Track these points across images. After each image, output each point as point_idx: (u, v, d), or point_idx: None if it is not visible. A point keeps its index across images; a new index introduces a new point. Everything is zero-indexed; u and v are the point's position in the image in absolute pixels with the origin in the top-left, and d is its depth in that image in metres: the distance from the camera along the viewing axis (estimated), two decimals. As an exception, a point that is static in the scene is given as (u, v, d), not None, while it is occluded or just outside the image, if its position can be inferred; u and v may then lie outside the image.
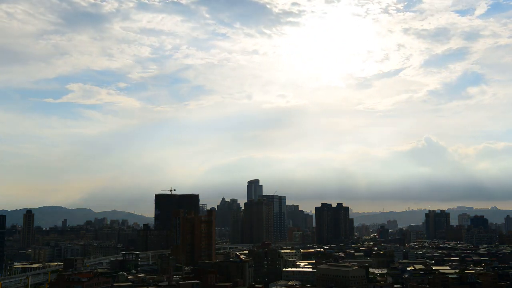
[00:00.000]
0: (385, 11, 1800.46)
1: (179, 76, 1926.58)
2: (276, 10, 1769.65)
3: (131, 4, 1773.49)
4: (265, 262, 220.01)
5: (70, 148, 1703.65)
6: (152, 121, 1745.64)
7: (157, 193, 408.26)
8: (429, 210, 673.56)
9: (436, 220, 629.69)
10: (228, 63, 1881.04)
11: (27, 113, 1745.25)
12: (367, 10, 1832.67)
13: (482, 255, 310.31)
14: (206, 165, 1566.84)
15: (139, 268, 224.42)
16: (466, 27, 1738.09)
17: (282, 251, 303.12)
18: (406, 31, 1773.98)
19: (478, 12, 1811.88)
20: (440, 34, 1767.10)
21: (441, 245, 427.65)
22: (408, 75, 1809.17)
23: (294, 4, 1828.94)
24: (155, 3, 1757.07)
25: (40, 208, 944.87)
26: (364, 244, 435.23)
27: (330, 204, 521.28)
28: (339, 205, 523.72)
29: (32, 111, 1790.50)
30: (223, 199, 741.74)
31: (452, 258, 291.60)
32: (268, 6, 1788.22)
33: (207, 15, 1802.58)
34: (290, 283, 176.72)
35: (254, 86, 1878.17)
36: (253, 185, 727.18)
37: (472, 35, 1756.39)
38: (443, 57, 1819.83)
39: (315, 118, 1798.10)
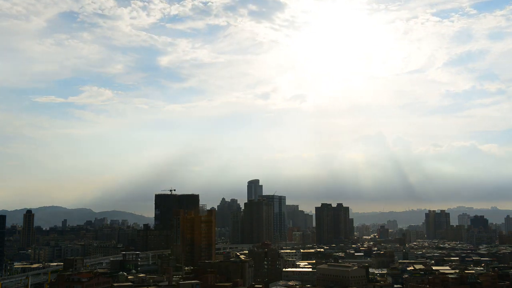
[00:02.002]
0: (405, 8, 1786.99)
1: (186, 74, 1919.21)
2: (293, 6, 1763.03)
3: (140, 3, 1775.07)
4: (265, 262, 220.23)
5: (68, 149, 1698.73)
6: (153, 121, 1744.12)
7: (157, 193, 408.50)
8: (429, 210, 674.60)
9: (436, 220, 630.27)
10: (239, 63, 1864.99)
11: (18, 112, 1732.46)
12: (387, 7, 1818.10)
13: (482, 255, 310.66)
14: (206, 164, 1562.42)
15: (139, 268, 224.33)
16: (491, 26, 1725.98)
17: (282, 251, 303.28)
18: (426, 29, 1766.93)
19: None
20: (463, 33, 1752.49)
21: (441, 245, 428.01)
22: (429, 75, 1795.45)
23: (311, 1, 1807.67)
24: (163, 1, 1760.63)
25: (40, 208, 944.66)
26: (364, 244, 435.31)
27: (330, 204, 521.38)
28: (339, 205, 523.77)
29: (23, 111, 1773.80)
30: (223, 199, 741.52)
31: (452, 258, 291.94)
32: (285, 2, 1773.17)
33: (219, 13, 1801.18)
34: (290, 283, 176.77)
35: (267, 86, 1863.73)
36: (253, 185, 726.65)
37: (495, 34, 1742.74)
38: (464, 57, 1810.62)
39: (324, 119, 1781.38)
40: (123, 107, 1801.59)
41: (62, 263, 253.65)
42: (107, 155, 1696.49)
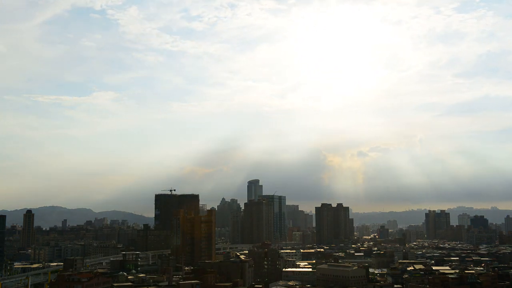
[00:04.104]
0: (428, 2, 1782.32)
1: (190, 73, 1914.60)
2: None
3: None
4: (265, 262, 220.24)
5: (65, 148, 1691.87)
6: (153, 121, 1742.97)
7: (157, 193, 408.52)
8: (429, 210, 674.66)
9: (436, 220, 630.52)
10: (255, 62, 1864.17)
11: (13, 112, 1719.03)
12: (408, 2, 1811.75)
13: (482, 255, 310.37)
14: (205, 164, 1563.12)
15: (139, 268, 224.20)
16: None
17: (282, 251, 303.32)
18: (449, 26, 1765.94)
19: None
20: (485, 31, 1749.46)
21: (441, 245, 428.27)
22: (449, 76, 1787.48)
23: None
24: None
25: (40, 208, 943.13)
26: (364, 244, 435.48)
27: (330, 204, 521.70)
28: (339, 205, 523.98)
29: (18, 110, 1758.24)
30: (223, 199, 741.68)
31: (452, 258, 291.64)
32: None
33: (229, 8, 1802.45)
34: (290, 283, 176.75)
35: (282, 84, 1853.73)
36: (253, 185, 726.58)
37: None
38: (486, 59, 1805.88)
39: (329, 118, 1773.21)
40: (123, 108, 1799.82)
41: (62, 263, 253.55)
42: (107, 155, 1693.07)
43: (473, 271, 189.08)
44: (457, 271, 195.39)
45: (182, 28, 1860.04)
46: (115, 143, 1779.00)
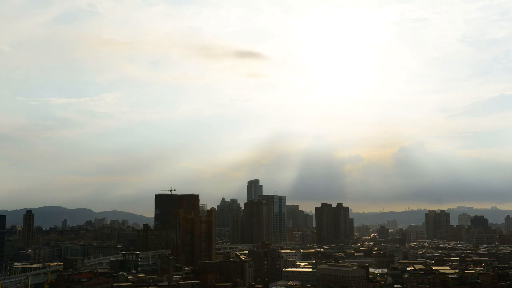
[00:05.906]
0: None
1: (191, 72, 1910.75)
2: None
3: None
4: (265, 262, 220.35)
5: (66, 149, 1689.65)
6: (153, 120, 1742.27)
7: (157, 193, 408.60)
8: (429, 210, 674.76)
9: (436, 220, 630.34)
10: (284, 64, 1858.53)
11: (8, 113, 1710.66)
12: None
13: (482, 255, 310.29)
14: (205, 164, 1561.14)
15: (139, 268, 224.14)
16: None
17: (282, 251, 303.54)
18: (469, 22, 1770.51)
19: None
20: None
21: (441, 245, 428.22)
22: (465, 76, 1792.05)
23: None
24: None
25: (40, 208, 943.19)
26: (364, 244, 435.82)
27: (330, 204, 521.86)
28: (339, 205, 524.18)
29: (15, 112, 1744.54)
30: (223, 199, 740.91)
31: (452, 258, 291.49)
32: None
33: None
34: (290, 283, 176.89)
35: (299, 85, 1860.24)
36: (253, 185, 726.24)
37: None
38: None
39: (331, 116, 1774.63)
40: (122, 108, 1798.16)
41: (62, 263, 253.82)
42: (106, 154, 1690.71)
43: (473, 271, 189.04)
44: (457, 271, 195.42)
45: (190, 28, 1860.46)
46: (116, 143, 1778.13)
